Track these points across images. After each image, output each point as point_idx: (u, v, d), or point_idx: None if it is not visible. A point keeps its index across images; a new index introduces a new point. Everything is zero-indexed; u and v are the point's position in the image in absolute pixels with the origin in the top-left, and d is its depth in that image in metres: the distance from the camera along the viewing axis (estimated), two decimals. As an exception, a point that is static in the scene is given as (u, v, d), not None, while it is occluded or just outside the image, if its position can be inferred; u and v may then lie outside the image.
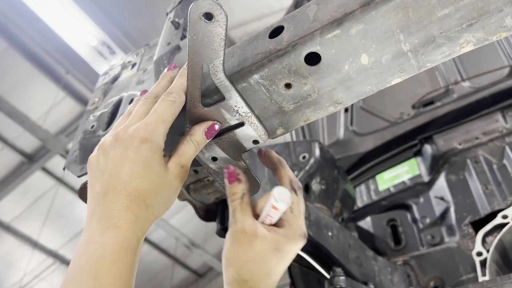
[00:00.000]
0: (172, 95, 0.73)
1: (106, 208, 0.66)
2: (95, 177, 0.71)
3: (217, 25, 0.66)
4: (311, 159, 1.68)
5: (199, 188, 1.15)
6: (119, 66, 1.20)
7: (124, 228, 0.65)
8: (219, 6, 0.64)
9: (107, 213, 0.66)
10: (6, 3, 6.00)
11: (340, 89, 0.68)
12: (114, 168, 0.68)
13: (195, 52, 0.68)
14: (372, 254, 1.61)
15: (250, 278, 0.75)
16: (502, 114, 2.05)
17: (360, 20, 0.60)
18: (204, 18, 0.65)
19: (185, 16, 1.03)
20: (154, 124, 0.70)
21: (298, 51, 0.65)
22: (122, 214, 0.65)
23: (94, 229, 0.65)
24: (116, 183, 0.67)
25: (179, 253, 10.00)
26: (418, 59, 0.62)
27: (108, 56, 6.63)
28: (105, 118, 0.99)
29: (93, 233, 0.65)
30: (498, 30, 0.58)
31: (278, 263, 0.76)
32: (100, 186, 0.69)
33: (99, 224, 0.65)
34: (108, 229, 0.64)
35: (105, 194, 0.67)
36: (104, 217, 0.65)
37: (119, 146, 0.69)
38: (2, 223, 7.94)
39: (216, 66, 0.68)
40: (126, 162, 0.68)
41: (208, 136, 0.74)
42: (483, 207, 1.80)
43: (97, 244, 0.63)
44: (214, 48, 0.67)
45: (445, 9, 0.57)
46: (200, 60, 0.69)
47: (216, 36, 0.66)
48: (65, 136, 7.26)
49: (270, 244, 0.74)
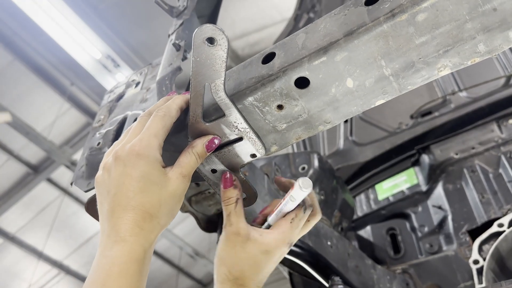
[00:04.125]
0: (162, 110, 0.77)
1: (114, 224, 0.71)
2: (103, 196, 0.75)
3: (219, 49, 0.71)
4: (310, 170, 1.71)
5: (200, 200, 1.19)
6: (124, 85, 1.25)
7: (130, 240, 0.70)
8: (221, 31, 0.69)
9: (115, 228, 0.70)
10: (11, 17, 6.09)
11: (328, 110, 0.73)
12: (117, 186, 0.73)
13: (198, 72, 0.73)
14: (371, 263, 1.64)
15: (240, 276, 0.83)
16: (497, 124, 2.08)
17: (344, 48, 0.65)
18: (208, 42, 0.70)
19: (186, 37, 1.08)
20: (147, 139, 0.74)
21: (289, 76, 0.70)
22: (128, 228, 0.70)
23: (105, 244, 0.70)
24: (120, 200, 0.72)
25: (183, 263, 9.99)
26: (399, 82, 0.67)
27: (113, 69, 6.69)
28: (110, 135, 1.04)
29: (103, 247, 0.70)
30: (472, 55, 0.63)
31: (267, 263, 0.84)
32: (107, 204, 0.73)
33: (108, 239, 0.70)
34: (116, 243, 0.69)
35: (113, 212, 0.72)
36: (113, 233, 0.70)
37: (119, 164, 0.73)
38: (7, 234, 7.96)
39: (218, 85, 0.74)
40: (127, 178, 0.72)
41: (209, 149, 0.78)
42: (479, 216, 1.83)
43: (106, 257, 0.69)
44: (216, 69, 0.72)
45: (422, 37, 0.63)
46: (203, 80, 0.74)
47: (218, 58, 0.71)
48: (70, 147, 7.30)
49: (260, 246, 0.82)
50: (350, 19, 0.66)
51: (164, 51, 1.17)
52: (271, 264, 0.85)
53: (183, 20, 1.19)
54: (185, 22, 1.17)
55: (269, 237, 0.82)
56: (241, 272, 0.83)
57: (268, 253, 0.82)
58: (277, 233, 0.83)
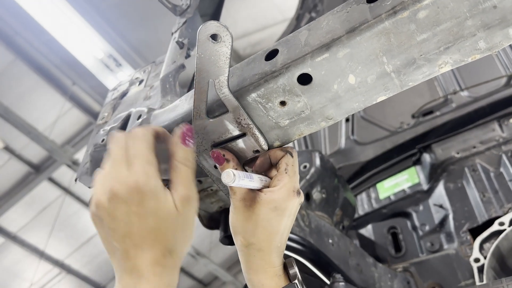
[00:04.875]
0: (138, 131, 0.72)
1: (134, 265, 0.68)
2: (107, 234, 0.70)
3: (223, 45, 0.72)
4: (312, 168, 1.72)
5: (203, 197, 1.20)
6: (127, 82, 1.26)
7: (155, 281, 0.67)
8: (225, 28, 0.70)
9: (137, 269, 0.68)
10: (13, 16, 6.12)
11: (330, 106, 0.74)
12: (125, 226, 0.68)
13: (202, 69, 0.74)
14: (372, 261, 1.65)
15: (256, 241, 0.82)
16: (498, 123, 2.09)
17: (346, 45, 0.66)
18: (212, 39, 0.71)
19: (189, 36, 1.09)
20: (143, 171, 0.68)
21: (291, 73, 0.71)
22: (150, 268, 0.67)
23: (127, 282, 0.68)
24: (133, 240, 0.68)
25: (184, 262, 9.99)
26: (401, 79, 0.68)
27: (114, 69, 6.72)
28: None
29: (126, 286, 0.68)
30: (472, 52, 0.64)
31: (279, 221, 0.81)
32: (118, 243, 0.69)
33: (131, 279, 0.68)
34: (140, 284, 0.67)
35: (127, 252, 0.68)
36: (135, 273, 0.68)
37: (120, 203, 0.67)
38: (9, 233, 7.98)
39: (222, 81, 0.74)
40: (135, 217, 0.67)
41: (186, 143, 0.74)
42: (480, 215, 1.84)
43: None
44: (220, 65, 0.73)
45: (424, 34, 0.64)
46: (207, 76, 0.75)
47: (222, 55, 0.72)
48: (71, 146, 7.32)
49: (267, 205, 0.80)
50: (352, 16, 0.67)
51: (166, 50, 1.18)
52: (284, 221, 0.83)
53: (186, 19, 1.20)
54: (188, 21, 1.18)
55: (274, 193, 0.80)
56: (255, 237, 0.82)
57: (278, 209, 0.80)
58: (279, 187, 0.81)
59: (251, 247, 0.83)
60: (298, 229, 1.33)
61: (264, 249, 0.82)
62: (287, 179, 0.81)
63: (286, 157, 0.83)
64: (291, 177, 0.82)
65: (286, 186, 0.81)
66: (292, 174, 0.82)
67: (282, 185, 0.81)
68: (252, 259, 0.84)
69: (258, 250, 0.82)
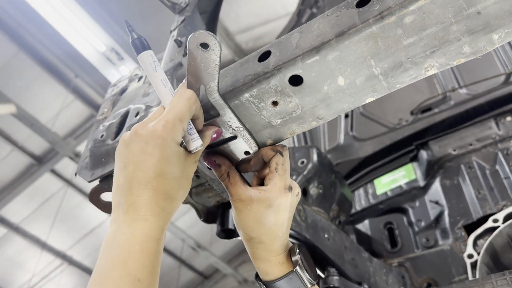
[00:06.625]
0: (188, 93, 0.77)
1: (133, 201, 0.71)
2: (119, 168, 0.75)
3: (212, 53, 0.75)
4: (309, 164, 1.74)
5: (200, 192, 1.23)
6: (127, 79, 1.29)
7: (151, 220, 0.71)
8: (214, 37, 0.73)
9: (135, 206, 0.71)
10: (17, 9, 6.12)
11: (321, 106, 0.77)
12: (137, 162, 0.72)
13: (193, 75, 0.78)
14: (367, 256, 1.67)
15: (256, 235, 0.88)
16: (495, 121, 2.10)
17: (335, 48, 0.69)
18: (201, 47, 0.74)
19: (187, 34, 1.12)
20: (172, 123, 0.73)
21: (283, 74, 0.74)
22: (149, 208, 0.71)
23: (122, 220, 0.71)
24: (140, 178, 0.72)
25: (185, 255, 10.07)
26: (388, 81, 0.71)
27: (116, 62, 6.72)
28: (113, 128, 1.07)
29: (121, 224, 0.71)
30: (458, 56, 0.66)
31: (275, 217, 0.87)
32: (124, 179, 0.73)
33: (127, 216, 0.71)
34: (136, 221, 0.70)
35: (131, 188, 0.72)
36: (132, 210, 0.71)
37: (139, 140, 0.73)
38: (11, 224, 8.02)
39: (212, 87, 0.78)
40: (148, 157, 0.72)
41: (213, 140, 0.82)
42: (475, 211, 1.85)
43: (126, 234, 0.69)
44: (210, 72, 0.76)
45: (410, 39, 0.66)
46: (198, 82, 0.78)
47: (211, 62, 0.75)
48: (74, 138, 7.33)
49: (262, 203, 0.85)
50: (342, 21, 0.69)
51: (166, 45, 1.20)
52: (280, 216, 0.88)
53: (185, 17, 1.22)
54: (187, 19, 1.20)
55: (266, 192, 0.86)
56: (255, 232, 0.87)
57: (272, 206, 0.86)
58: (271, 186, 0.86)
59: (253, 241, 0.89)
60: (294, 223, 1.36)
61: (265, 241, 0.88)
62: (277, 178, 0.86)
63: (276, 156, 0.87)
64: (281, 175, 0.87)
65: (277, 185, 0.86)
66: (282, 173, 0.87)
67: (273, 184, 0.86)
68: (256, 250, 0.90)
69: (260, 242, 0.88)
